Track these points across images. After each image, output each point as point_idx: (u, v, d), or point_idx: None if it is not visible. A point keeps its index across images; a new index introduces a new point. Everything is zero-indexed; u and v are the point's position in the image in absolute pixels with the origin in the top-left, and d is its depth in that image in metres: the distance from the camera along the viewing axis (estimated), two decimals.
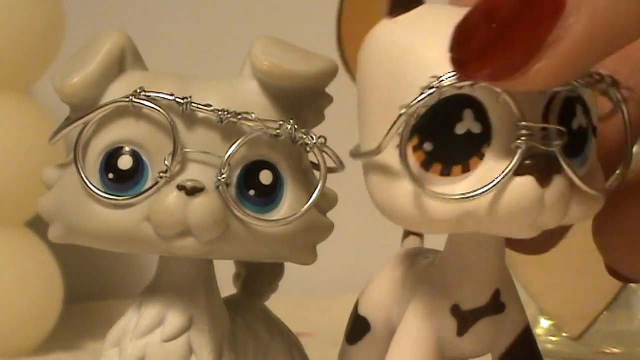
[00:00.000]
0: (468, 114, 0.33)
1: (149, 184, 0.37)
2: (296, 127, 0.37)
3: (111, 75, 0.38)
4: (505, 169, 0.32)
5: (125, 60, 0.39)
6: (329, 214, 0.40)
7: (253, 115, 0.37)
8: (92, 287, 0.93)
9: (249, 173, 0.37)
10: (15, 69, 0.76)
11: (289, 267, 0.43)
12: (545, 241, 0.39)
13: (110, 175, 0.37)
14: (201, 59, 0.96)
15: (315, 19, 0.93)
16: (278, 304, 0.44)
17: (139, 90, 0.37)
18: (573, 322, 0.63)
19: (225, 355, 0.39)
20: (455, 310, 0.36)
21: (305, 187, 0.38)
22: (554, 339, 0.63)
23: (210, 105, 0.37)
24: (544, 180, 0.32)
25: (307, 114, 0.39)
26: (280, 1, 0.98)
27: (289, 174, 0.38)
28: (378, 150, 0.33)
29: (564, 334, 0.63)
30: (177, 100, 0.37)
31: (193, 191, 0.36)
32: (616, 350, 0.62)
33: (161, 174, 0.36)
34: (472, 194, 0.32)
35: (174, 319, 0.38)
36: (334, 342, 0.42)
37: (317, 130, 0.38)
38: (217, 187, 0.36)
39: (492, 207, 0.32)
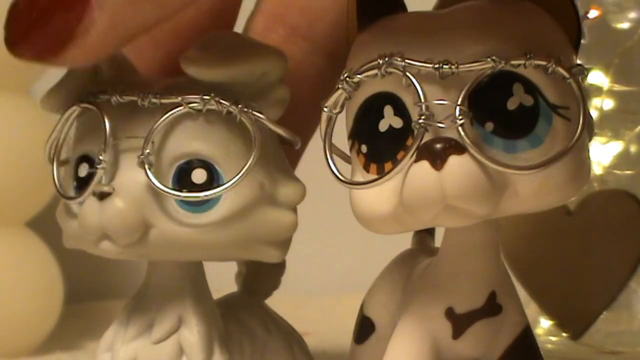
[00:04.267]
0: (388, 110, 0.34)
1: None
2: (218, 99, 0.36)
3: (85, 82, 0.39)
4: (405, 157, 0.32)
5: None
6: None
7: (175, 95, 0.36)
8: (92, 287, 0.93)
9: (182, 173, 0.37)
10: (15, 69, 0.76)
11: (289, 266, 0.43)
12: None
13: (74, 183, 0.38)
14: None
15: None
16: (278, 303, 0.44)
17: (86, 93, 0.38)
18: (573, 322, 0.63)
19: (217, 354, 0.38)
20: (450, 313, 0.36)
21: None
22: (554, 339, 0.63)
23: (132, 90, 0.37)
24: (436, 162, 0.32)
25: (260, 107, 0.38)
26: None
27: (228, 170, 0.37)
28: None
29: (564, 334, 0.63)
30: (108, 91, 0.37)
31: (102, 196, 0.36)
32: (616, 350, 0.62)
33: (97, 167, 0.36)
34: (367, 184, 0.33)
35: (163, 321, 0.38)
36: (334, 341, 0.42)
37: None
38: (142, 165, 0.36)
39: (402, 197, 0.33)
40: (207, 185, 0.37)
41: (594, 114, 0.63)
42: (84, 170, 0.37)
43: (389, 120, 0.34)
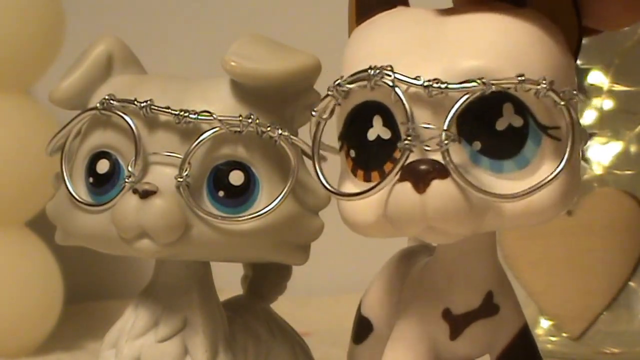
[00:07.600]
0: (377, 120, 0.33)
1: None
2: (257, 121, 0.37)
3: (97, 81, 0.39)
4: (388, 174, 0.32)
5: (113, 65, 0.39)
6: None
7: (214, 115, 0.37)
8: (92, 287, 0.93)
9: (220, 174, 0.37)
10: (15, 69, 0.76)
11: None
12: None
13: (91, 179, 0.38)
14: (202, 59, 0.96)
15: (319, 18, 0.93)
16: (278, 303, 0.44)
17: (107, 98, 0.37)
18: (573, 322, 0.63)
19: (221, 355, 0.39)
20: (447, 315, 0.36)
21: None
22: (554, 339, 0.63)
23: (169, 107, 0.37)
24: (419, 185, 0.32)
25: (292, 112, 0.38)
26: (288, 3, 0.98)
27: (265, 174, 0.37)
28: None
29: (564, 334, 0.63)
30: (135, 103, 0.37)
31: (145, 194, 0.36)
32: (616, 350, 0.62)
33: (126, 180, 0.36)
34: (352, 196, 0.33)
35: (168, 320, 0.38)
36: (334, 341, 0.42)
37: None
38: (178, 188, 0.36)
39: (385, 211, 0.33)
40: (244, 187, 0.37)
41: (594, 114, 0.63)
42: (104, 167, 0.38)
43: (378, 130, 0.34)
